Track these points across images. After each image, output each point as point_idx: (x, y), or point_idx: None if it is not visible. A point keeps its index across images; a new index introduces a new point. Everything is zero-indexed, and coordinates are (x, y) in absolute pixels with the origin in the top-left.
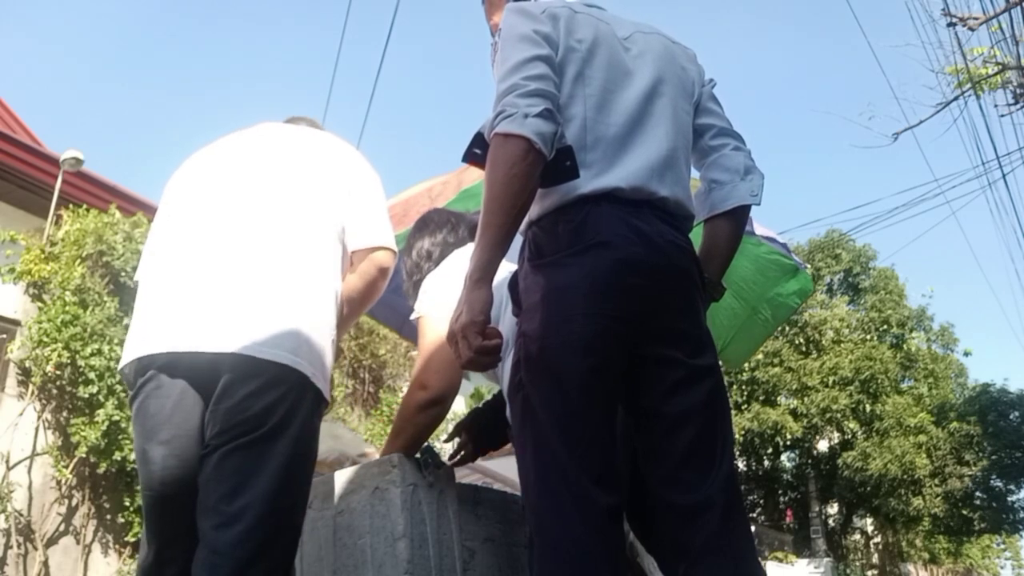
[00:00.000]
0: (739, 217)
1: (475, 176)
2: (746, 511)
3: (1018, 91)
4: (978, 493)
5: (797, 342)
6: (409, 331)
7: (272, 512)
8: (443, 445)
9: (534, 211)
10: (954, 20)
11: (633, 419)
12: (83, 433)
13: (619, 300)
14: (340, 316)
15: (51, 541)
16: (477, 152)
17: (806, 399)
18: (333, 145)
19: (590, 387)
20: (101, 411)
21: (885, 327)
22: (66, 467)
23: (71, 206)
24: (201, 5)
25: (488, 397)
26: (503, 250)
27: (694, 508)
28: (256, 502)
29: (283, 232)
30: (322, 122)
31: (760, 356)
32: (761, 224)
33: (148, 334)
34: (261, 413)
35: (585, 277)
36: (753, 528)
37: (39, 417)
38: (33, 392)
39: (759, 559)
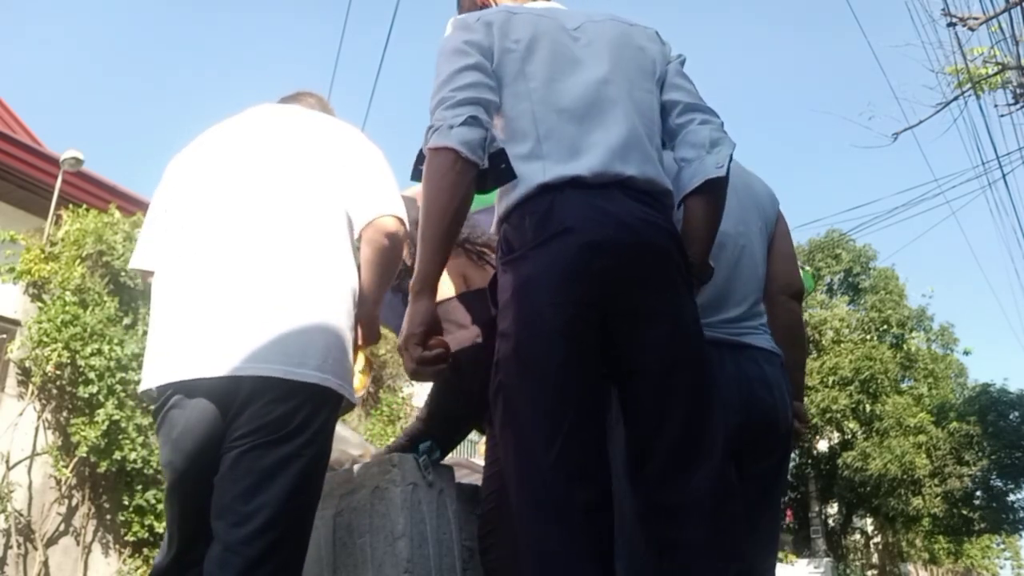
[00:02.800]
0: (712, 192)
1: None
2: (740, 507)
3: (1018, 91)
4: (978, 493)
5: None
6: None
7: (286, 512)
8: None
9: (500, 209)
10: (954, 20)
11: (621, 410)
12: (83, 433)
13: (587, 285)
14: (358, 303)
15: (51, 541)
16: (421, 169)
17: (806, 399)
18: (328, 126)
19: (566, 379)
20: (101, 411)
21: (885, 327)
22: (66, 467)
23: (71, 206)
24: (202, 5)
25: None
26: (442, 261)
27: (680, 505)
28: (272, 502)
29: (295, 234)
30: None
31: None
32: None
33: (170, 359)
34: (282, 417)
35: (551, 266)
36: None
37: (39, 417)
38: (33, 392)
39: (747, 556)
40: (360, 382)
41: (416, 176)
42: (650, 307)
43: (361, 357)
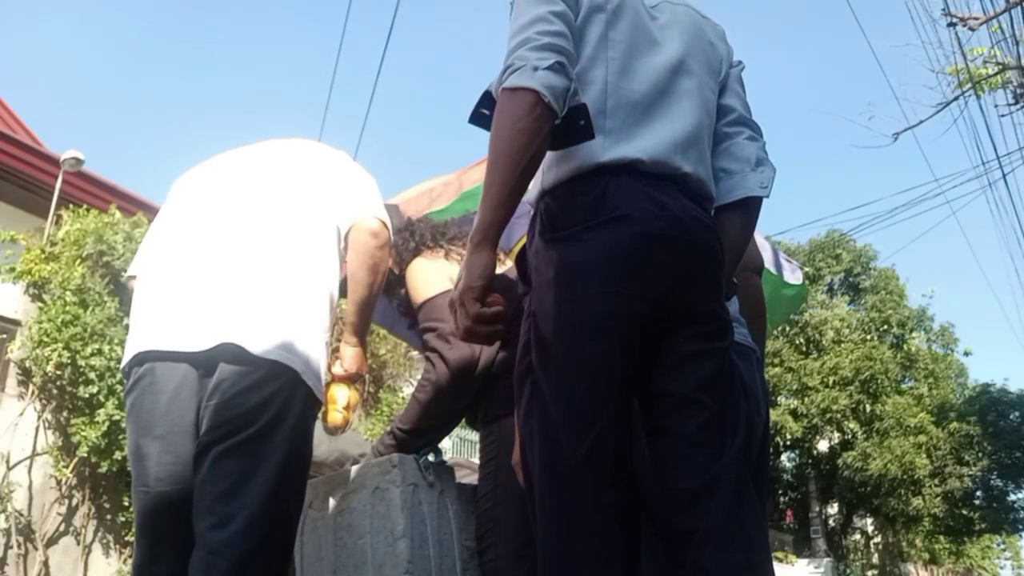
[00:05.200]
0: (749, 210)
1: (476, 178)
2: (754, 495)
3: (1018, 91)
4: (978, 493)
5: (797, 342)
6: (401, 330)
7: (268, 512)
8: (440, 445)
9: (547, 180)
10: (954, 20)
11: (641, 399)
12: (83, 433)
13: (640, 278)
14: (349, 327)
15: (51, 541)
16: (484, 112)
17: (806, 399)
18: (323, 150)
19: (607, 372)
20: (101, 411)
21: (885, 327)
22: (66, 467)
23: (71, 206)
24: (202, 8)
25: None
26: (508, 211)
27: (701, 490)
28: (251, 502)
29: (276, 235)
30: (322, 122)
31: None
32: (759, 233)
33: (145, 332)
34: (253, 410)
35: (603, 253)
36: None
37: (39, 417)
38: (33, 392)
39: (769, 545)
40: (342, 418)
41: (476, 119)
42: (700, 307)
43: (345, 392)
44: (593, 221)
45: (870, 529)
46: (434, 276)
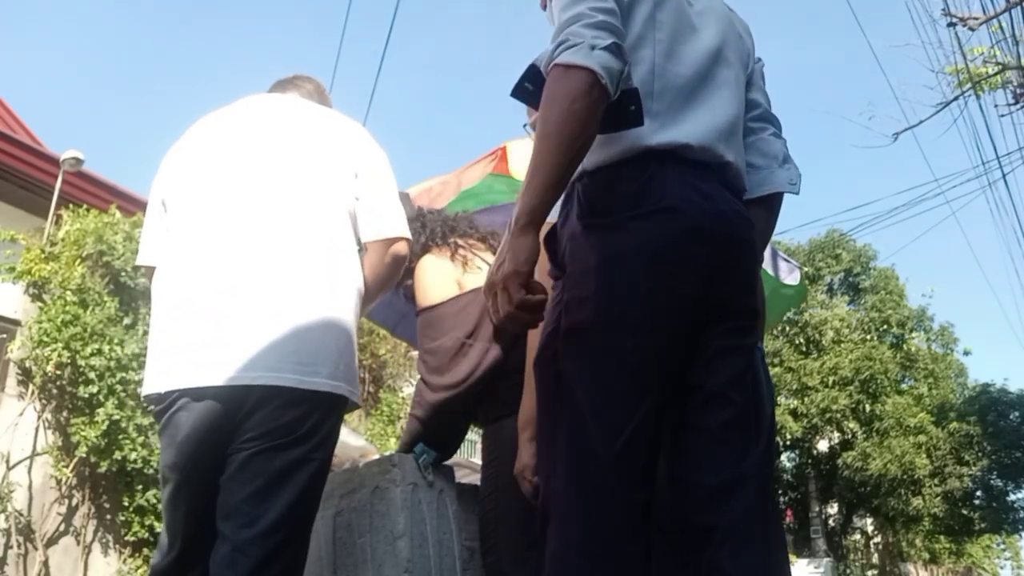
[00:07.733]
0: (773, 206)
1: (475, 177)
2: (776, 497)
3: (1018, 91)
4: (978, 493)
5: (797, 342)
6: (403, 331)
7: (293, 515)
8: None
9: (589, 160)
10: (954, 20)
11: (673, 393)
12: (83, 433)
13: (686, 272)
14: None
15: (51, 541)
16: (528, 87)
17: (806, 399)
18: (336, 123)
19: (649, 368)
20: (101, 411)
21: (885, 327)
22: (66, 467)
23: (71, 206)
24: (203, 7)
25: None
26: (556, 194)
27: (724, 488)
28: (281, 504)
29: (304, 235)
30: None
31: None
32: None
33: (177, 365)
34: (293, 422)
35: (649, 244)
36: None
37: (39, 417)
38: (33, 392)
39: (787, 547)
40: None
41: (520, 93)
42: (740, 303)
43: None
44: (639, 210)
45: (870, 529)
46: (440, 280)
